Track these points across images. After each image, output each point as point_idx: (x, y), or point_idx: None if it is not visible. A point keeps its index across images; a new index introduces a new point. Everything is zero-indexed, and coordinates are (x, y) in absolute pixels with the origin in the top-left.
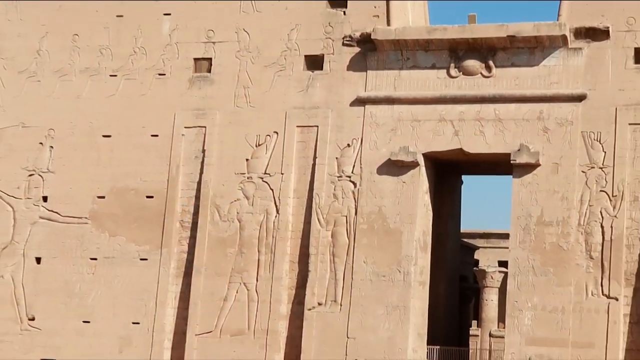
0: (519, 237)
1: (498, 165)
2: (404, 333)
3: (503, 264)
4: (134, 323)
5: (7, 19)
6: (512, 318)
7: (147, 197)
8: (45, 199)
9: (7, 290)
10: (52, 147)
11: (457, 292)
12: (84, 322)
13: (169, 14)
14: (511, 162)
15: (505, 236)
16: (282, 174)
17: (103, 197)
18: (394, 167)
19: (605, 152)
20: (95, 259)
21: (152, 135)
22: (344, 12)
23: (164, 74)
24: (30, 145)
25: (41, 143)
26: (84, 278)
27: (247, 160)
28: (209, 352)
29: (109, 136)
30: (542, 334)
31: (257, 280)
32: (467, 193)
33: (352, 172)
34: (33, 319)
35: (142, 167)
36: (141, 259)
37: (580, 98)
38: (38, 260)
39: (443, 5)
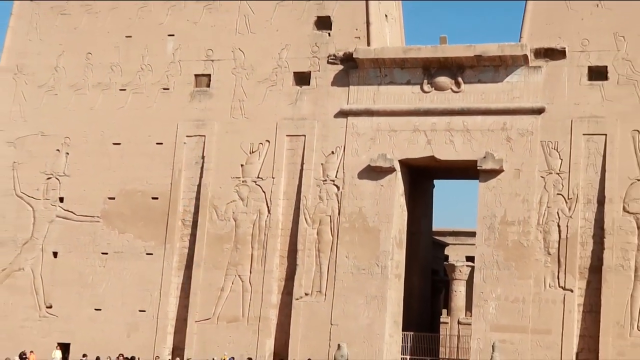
0: (485, 235)
1: (466, 170)
2: (381, 320)
3: (470, 259)
4: (140, 311)
5: (28, 39)
6: (478, 307)
7: (153, 198)
8: (61, 199)
9: (27, 281)
10: (67, 153)
11: (429, 284)
12: (95, 309)
13: (173, 35)
14: (478, 168)
15: (472, 234)
16: (273, 178)
17: (113, 198)
18: (373, 172)
19: (561, 160)
20: (106, 253)
21: (157, 143)
22: (329, 34)
23: (168, 89)
24: (49, 152)
25: (58, 150)
26: (96, 270)
27: (242, 165)
28: (207, 336)
29: (118, 144)
30: (505, 321)
31: (250, 272)
32: (438, 195)
33: (336, 177)
34: (50, 307)
35: (148, 172)
36: (147, 254)
37: (539, 111)
38: (55, 254)
39: (417, 27)
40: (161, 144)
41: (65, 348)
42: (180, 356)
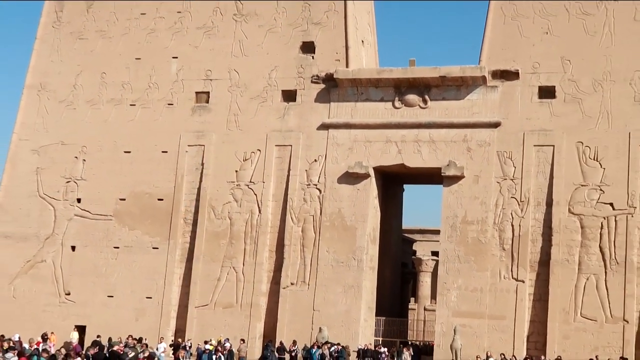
0: (448, 233)
1: (431, 176)
2: (357, 307)
3: (435, 253)
4: (147, 298)
5: (50, 61)
6: (442, 296)
7: (159, 199)
8: (79, 200)
9: (49, 272)
10: (84, 160)
11: (399, 275)
12: (108, 296)
13: (176, 57)
14: (442, 174)
15: (437, 232)
16: (263, 182)
17: (124, 200)
18: (351, 178)
19: (515, 167)
20: (118, 247)
21: (163, 152)
22: (313, 57)
23: (172, 104)
24: (68, 159)
25: (76, 157)
26: (109, 262)
27: (236, 171)
28: (205, 320)
29: (129, 152)
30: (465, 308)
31: (243, 265)
32: (408, 198)
33: (318, 182)
34: (69, 294)
35: (154, 176)
36: (153, 248)
37: (496, 125)
38: (73, 248)
39: (390, 51)
40: (166, 152)
41: (81, 330)
42: (181, 337)
